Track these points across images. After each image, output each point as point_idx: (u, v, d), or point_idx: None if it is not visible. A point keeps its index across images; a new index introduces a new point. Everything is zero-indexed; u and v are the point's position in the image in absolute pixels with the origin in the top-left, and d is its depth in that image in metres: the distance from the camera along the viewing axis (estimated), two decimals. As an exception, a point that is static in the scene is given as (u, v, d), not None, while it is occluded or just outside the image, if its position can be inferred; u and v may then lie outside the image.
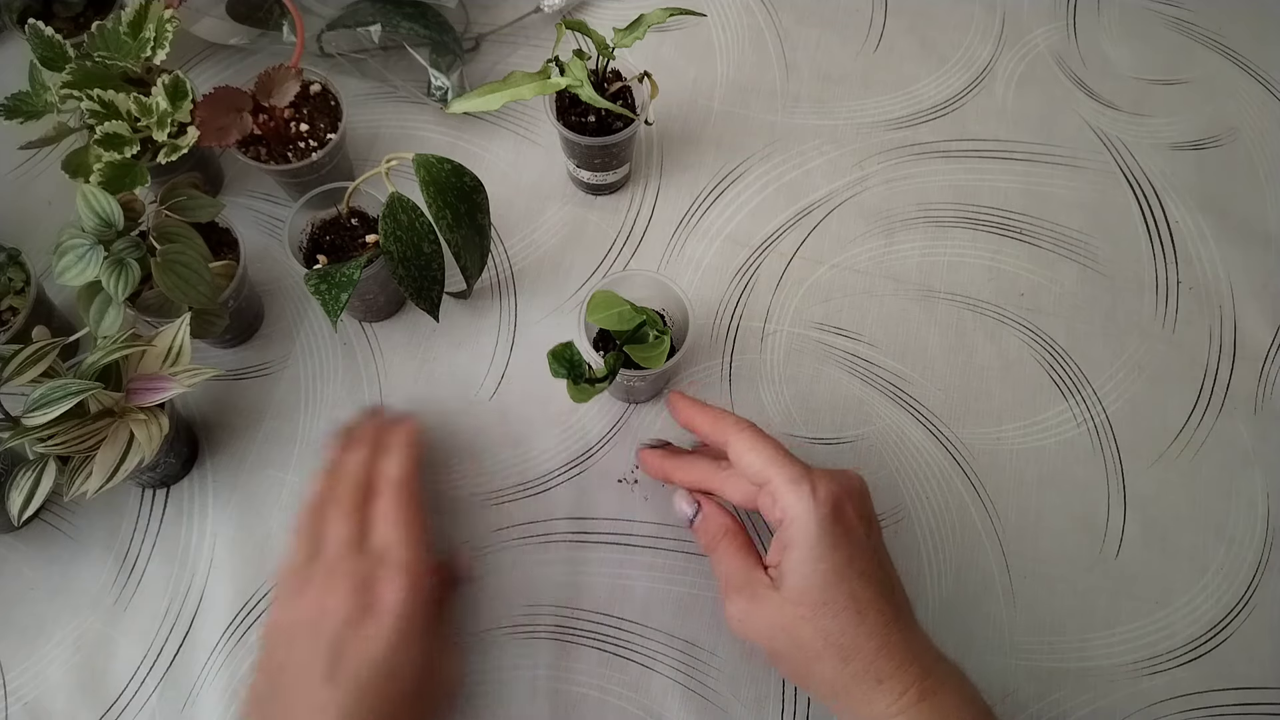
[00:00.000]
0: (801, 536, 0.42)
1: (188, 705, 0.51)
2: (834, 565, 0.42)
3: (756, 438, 0.46)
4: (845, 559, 0.42)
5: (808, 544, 0.42)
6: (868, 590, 0.42)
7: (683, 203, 0.65)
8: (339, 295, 0.49)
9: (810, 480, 0.43)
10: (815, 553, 0.42)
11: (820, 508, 0.42)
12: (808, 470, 0.44)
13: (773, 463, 0.44)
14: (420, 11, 0.67)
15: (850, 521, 0.43)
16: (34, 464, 0.46)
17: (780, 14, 0.73)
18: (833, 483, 0.43)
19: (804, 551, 0.42)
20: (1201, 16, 0.74)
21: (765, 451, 0.45)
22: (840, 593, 0.42)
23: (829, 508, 0.42)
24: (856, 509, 0.44)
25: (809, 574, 0.42)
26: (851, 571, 0.42)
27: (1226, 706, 0.52)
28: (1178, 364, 0.61)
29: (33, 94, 0.56)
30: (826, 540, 0.42)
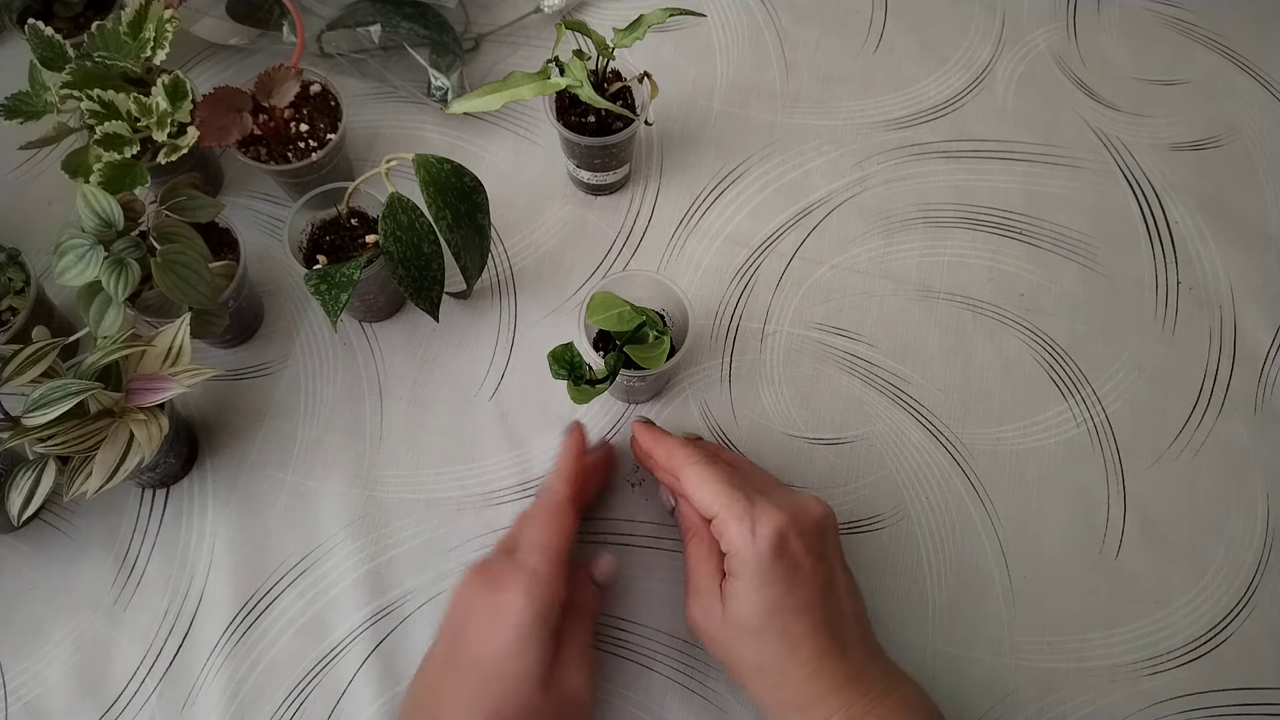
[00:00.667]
0: (740, 569, 0.44)
1: (188, 705, 0.51)
2: (769, 599, 0.43)
3: (705, 471, 0.47)
4: (782, 593, 0.43)
5: (745, 576, 0.44)
6: (801, 624, 0.43)
7: (683, 203, 0.65)
8: (339, 295, 0.49)
9: (752, 517, 0.44)
10: (752, 585, 0.43)
11: (759, 544, 0.43)
12: (751, 505, 0.44)
13: (718, 498, 0.45)
14: (420, 11, 0.67)
15: (793, 557, 0.44)
16: (34, 464, 0.46)
17: (780, 14, 0.73)
18: (777, 519, 0.44)
19: (742, 583, 0.44)
20: (1201, 16, 0.74)
21: (713, 486, 0.46)
22: (773, 624, 0.43)
23: (768, 544, 0.43)
24: (805, 543, 0.44)
25: (745, 605, 0.44)
26: (788, 605, 0.43)
27: (1226, 706, 0.52)
28: (1178, 364, 0.61)
29: (33, 94, 0.56)
30: (763, 575, 0.43)
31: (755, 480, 0.49)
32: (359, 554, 0.55)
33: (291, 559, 0.55)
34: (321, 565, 0.55)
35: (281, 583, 0.54)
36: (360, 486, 0.56)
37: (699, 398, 0.59)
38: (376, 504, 0.56)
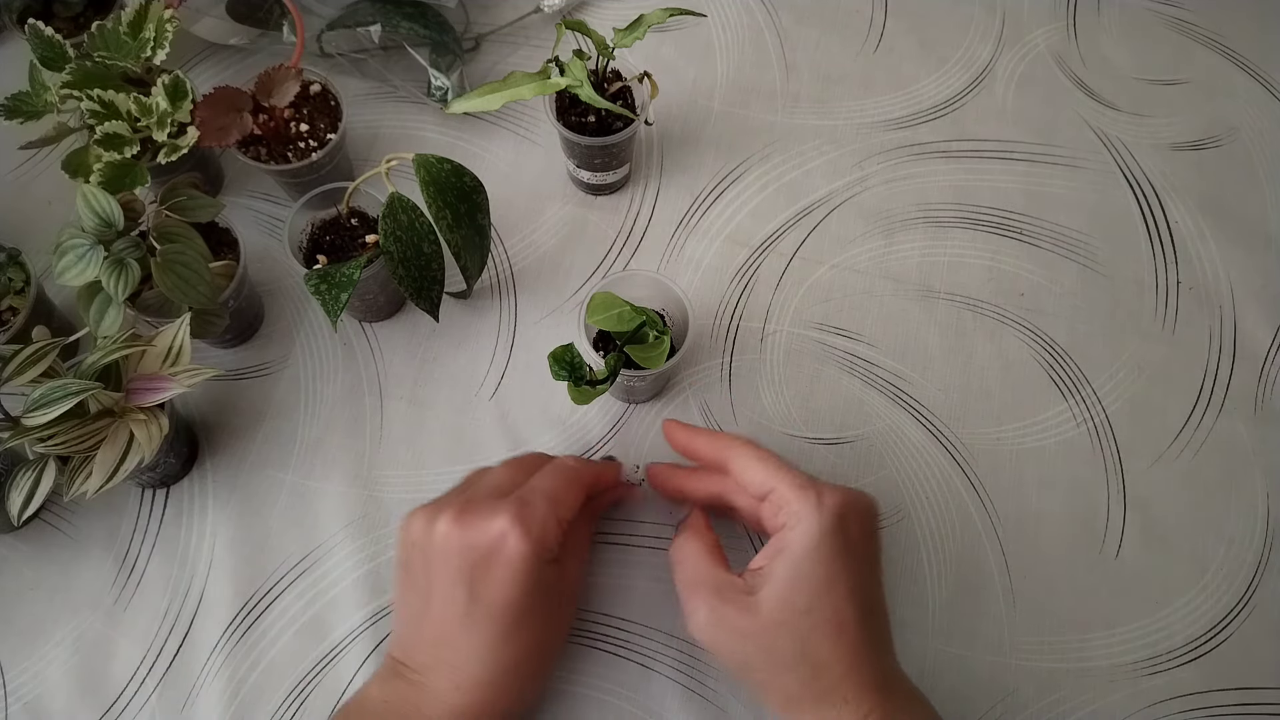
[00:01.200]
0: (801, 540, 0.42)
1: (187, 705, 0.51)
2: (827, 574, 0.41)
3: (758, 451, 0.46)
4: (839, 570, 0.42)
5: (806, 548, 0.41)
6: (851, 609, 0.41)
7: (683, 203, 0.65)
8: (339, 295, 0.49)
9: (816, 488, 0.43)
10: (813, 557, 0.41)
11: (825, 514, 0.42)
12: (813, 479, 0.44)
13: (777, 472, 0.44)
14: (420, 11, 0.67)
15: (852, 535, 0.43)
16: (34, 464, 0.46)
17: (780, 14, 0.73)
18: (839, 494, 0.43)
19: (800, 556, 0.42)
20: (1201, 16, 0.74)
21: (769, 463, 0.45)
22: (826, 604, 0.41)
23: (833, 516, 0.42)
24: (860, 525, 0.44)
25: (800, 579, 0.41)
26: (841, 586, 0.42)
27: (1226, 706, 0.52)
28: (1178, 364, 0.61)
29: (33, 94, 0.56)
30: (825, 547, 0.41)
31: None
32: (359, 554, 0.55)
33: (291, 559, 0.55)
34: (321, 565, 0.55)
35: (281, 583, 0.54)
36: (360, 486, 0.56)
37: (699, 398, 0.59)
38: (376, 504, 0.56)
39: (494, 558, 0.43)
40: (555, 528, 0.44)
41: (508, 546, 0.43)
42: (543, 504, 0.44)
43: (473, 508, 0.44)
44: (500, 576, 0.43)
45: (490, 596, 0.43)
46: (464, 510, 0.44)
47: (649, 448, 0.58)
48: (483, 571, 0.43)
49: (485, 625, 0.43)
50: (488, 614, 0.43)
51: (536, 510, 0.44)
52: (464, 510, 0.44)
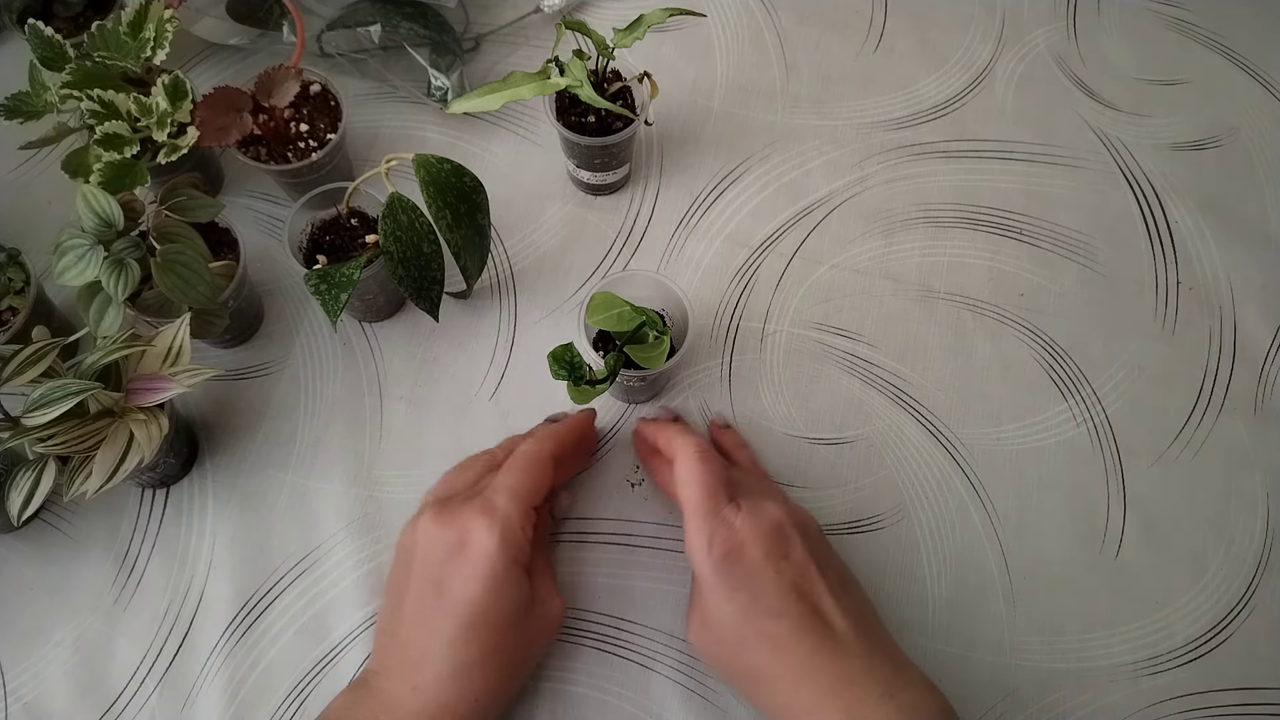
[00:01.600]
0: (703, 582, 0.45)
1: (187, 705, 0.51)
2: (737, 607, 0.43)
3: (693, 469, 0.46)
4: (748, 599, 0.43)
5: (708, 589, 0.44)
6: (780, 627, 0.43)
7: (682, 203, 0.65)
8: (339, 295, 0.49)
9: (709, 533, 0.44)
10: (717, 597, 0.44)
11: (713, 559, 0.44)
12: (714, 515, 0.45)
13: (691, 500, 0.46)
14: (420, 11, 0.67)
15: (750, 564, 0.44)
16: (34, 464, 0.46)
17: (780, 14, 0.73)
18: (732, 529, 0.44)
19: (707, 596, 0.44)
20: (1201, 16, 0.74)
21: (692, 486, 0.46)
22: (750, 631, 0.43)
23: (720, 556, 0.44)
24: (762, 548, 0.44)
25: (717, 616, 0.44)
26: (758, 611, 0.43)
27: (1226, 706, 0.52)
28: (1178, 364, 0.61)
29: (33, 94, 0.56)
30: (724, 585, 0.43)
31: (742, 481, 0.49)
32: (359, 554, 0.55)
33: (291, 559, 0.55)
34: (321, 565, 0.55)
35: (281, 583, 0.54)
36: (360, 486, 0.56)
37: (699, 398, 0.59)
38: (376, 504, 0.56)
39: (461, 554, 0.44)
40: (521, 521, 0.45)
41: (473, 542, 0.44)
42: (506, 499, 0.45)
43: (447, 506, 0.46)
44: (465, 572, 0.44)
45: (454, 593, 0.44)
46: (439, 509, 0.46)
47: (649, 448, 0.58)
48: (451, 568, 0.44)
49: (447, 621, 0.44)
50: (451, 609, 0.44)
51: (500, 507, 0.45)
52: (439, 509, 0.46)
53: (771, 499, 0.47)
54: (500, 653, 0.44)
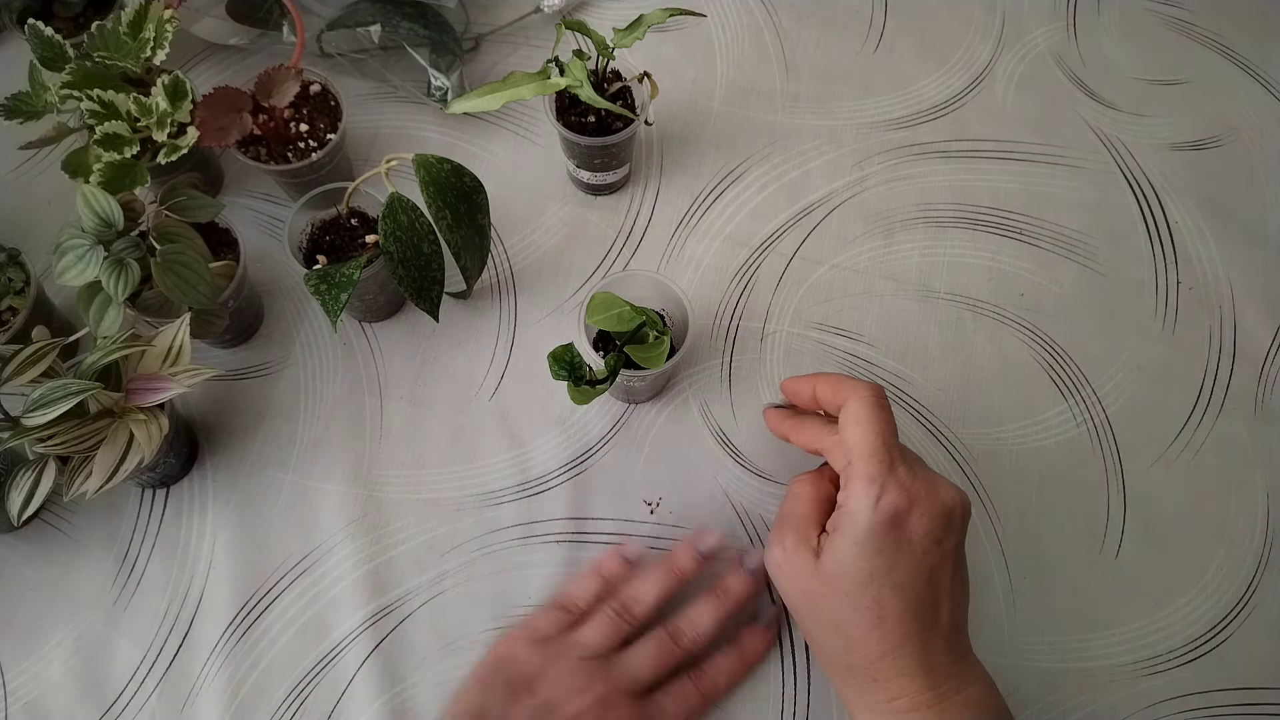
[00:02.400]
0: (850, 529, 0.43)
1: (187, 705, 0.51)
2: (871, 567, 0.42)
3: (868, 411, 0.44)
4: (884, 566, 0.42)
5: (852, 540, 0.43)
6: (897, 602, 0.42)
7: (683, 203, 0.65)
8: (338, 295, 0.49)
9: (881, 484, 0.43)
10: (856, 549, 0.43)
11: (877, 514, 0.42)
12: (888, 470, 0.43)
13: (865, 446, 0.44)
14: (420, 11, 0.67)
15: (908, 534, 0.43)
16: (34, 464, 0.46)
17: (780, 14, 0.73)
18: (905, 492, 0.43)
19: (847, 545, 0.43)
20: (1201, 17, 0.74)
21: (867, 432, 0.44)
22: (867, 594, 0.42)
23: (886, 516, 0.42)
24: (925, 525, 0.43)
25: (844, 566, 0.43)
26: (886, 580, 0.42)
27: (1226, 706, 0.52)
28: (1178, 364, 0.61)
29: (33, 94, 0.56)
30: (870, 543, 0.42)
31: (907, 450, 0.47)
32: (359, 554, 0.55)
33: (291, 559, 0.55)
34: (321, 565, 0.55)
35: (281, 583, 0.54)
36: (360, 486, 0.56)
37: (699, 398, 0.59)
38: (376, 504, 0.56)
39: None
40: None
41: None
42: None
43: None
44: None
45: None
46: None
47: (649, 448, 0.58)
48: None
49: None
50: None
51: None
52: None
53: (933, 475, 0.45)
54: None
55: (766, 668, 0.52)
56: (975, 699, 0.43)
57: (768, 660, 0.52)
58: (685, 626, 0.49)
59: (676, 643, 0.49)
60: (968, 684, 0.43)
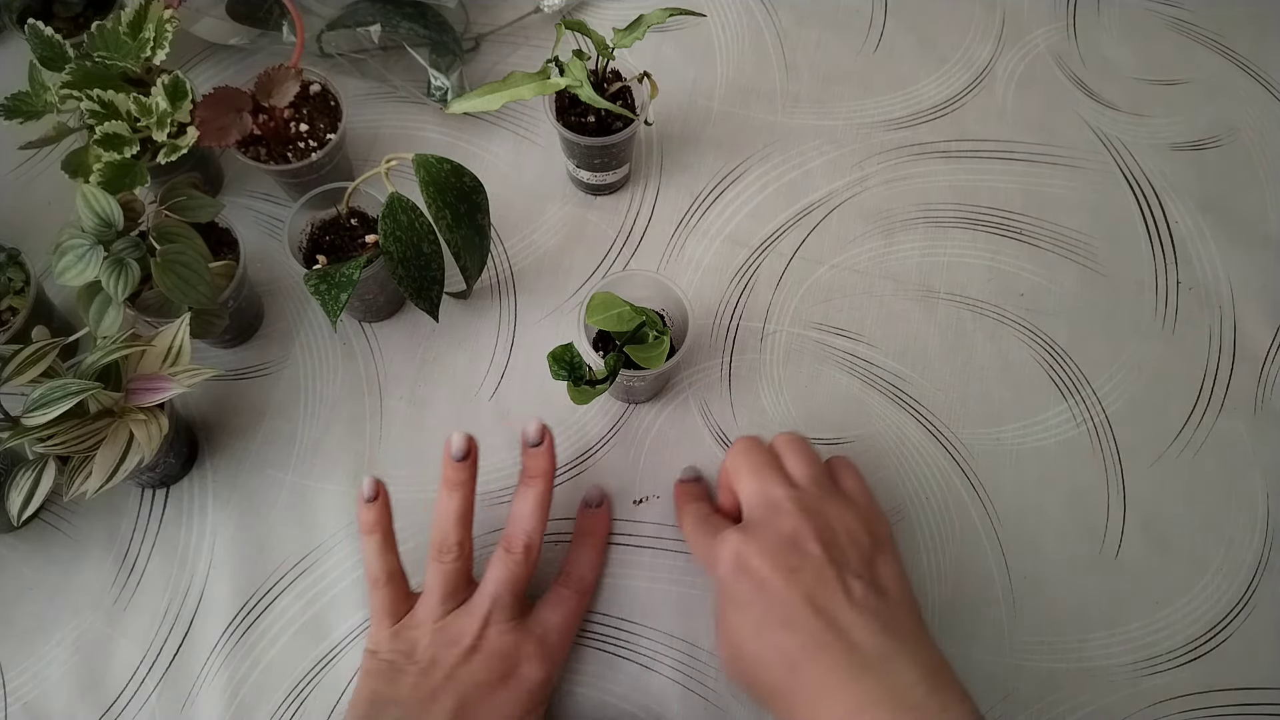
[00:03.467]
0: (718, 599, 0.44)
1: (187, 705, 0.51)
2: (749, 620, 0.43)
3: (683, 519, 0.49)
4: (759, 613, 0.42)
5: (722, 604, 0.44)
6: (793, 640, 0.41)
7: (682, 203, 0.65)
8: (339, 295, 0.49)
9: (713, 549, 0.44)
10: (729, 610, 0.44)
11: (720, 569, 0.43)
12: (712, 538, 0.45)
13: (690, 540, 0.47)
14: (420, 11, 0.67)
15: (758, 576, 0.43)
16: (34, 464, 0.46)
17: (780, 14, 0.73)
18: (731, 543, 0.44)
19: (722, 611, 0.44)
20: (1201, 16, 0.74)
21: (686, 530, 0.48)
22: (765, 645, 0.42)
23: (727, 567, 0.43)
24: (770, 561, 0.42)
25: (732, 631, 0.44)
26: (771, 623, 0.42)
27: (1226, 706, 0.52)
28: (1178, 364, 0.61)
29: (33, 94, 0.56)
30: (732, 598, 0.43)
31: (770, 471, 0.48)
32: (359, 554, 0.55)
33: (291, 559, 0.55)
34: (321, 565, 0.55)
35: (281, 583, 0.54)
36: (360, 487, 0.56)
37: (699, 398, 0.59)
38: (376, 504, 0.56)
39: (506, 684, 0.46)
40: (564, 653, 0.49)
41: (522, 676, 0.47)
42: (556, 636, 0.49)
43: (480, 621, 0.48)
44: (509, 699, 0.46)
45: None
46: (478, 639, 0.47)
47: (649, 448, 0.58)
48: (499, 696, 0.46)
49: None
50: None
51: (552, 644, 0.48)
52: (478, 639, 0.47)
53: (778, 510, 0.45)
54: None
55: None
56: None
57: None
58: (514, 531, 0.49)
59: (512, 550, 0.48)
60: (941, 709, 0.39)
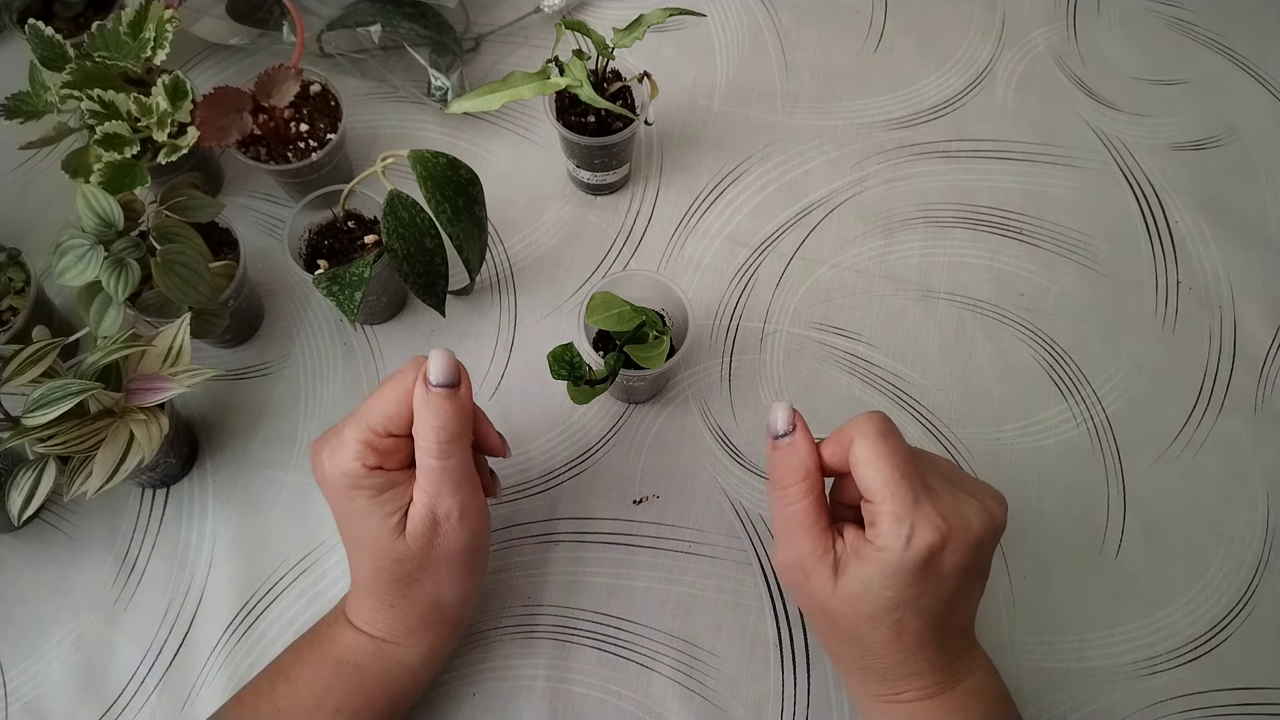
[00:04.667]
0: (878, 565, 0.41)
1: (187, 705, 0.51)
2: (898, 598, 0.41)
3: (881, 445, 0.41)
4: (911, 595, 0.41)
5: (881, 574, 0.41)
6: (916, 621, 0.41)
7: (682, 203, 0.65)
8: (353, 294, 0.49)
9: (911, 523, 0.40)
10: (884, 582, 0.41)
11: (909, 554, 0.40)
12: (915, 506, 0.41)
13: (886, 485, 0.41)
14: (420, 11, 0.67)
15: (938, 569, 0.41)
16: (34, 464, 0.46)
17: (780, 14, 0.73)
18: (935, 531, 0.40)
19: (875, 576, 0.41)
20: (1201, 16, 0.74)
21: (884, 467, 0.41)
22: (890, 617, 0.41)
23: (918, 555, 0.40)
24: (956, 560, 0.41)
25: (870, 593, 0.41)
26: (911, 606, 0.41)
27: (1226, 706, 0.52)
28: (1178, 364, 0.61)
29: (33, 94, 0.56)
30: (901, 579, 0.41)
31: (929, 467, 0.44)
32: (359, 554, 0.55)
33: (291, 559, 0.55)
34: (321, 565, 0.55)
35: (281, 583, 0.54)
36: (360, 486, 0.56)
37: (699, 398, 0.59)
38: (376, 504, 0.56)
39: (318, 480, 0.45)
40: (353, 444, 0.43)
41: (315, 469, 0.45)
42: (347, 426, 0.44)
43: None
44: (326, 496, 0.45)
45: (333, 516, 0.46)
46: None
47: (649, 448, 0.58)
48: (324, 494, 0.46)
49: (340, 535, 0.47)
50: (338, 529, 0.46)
51: (337, 432, 0.44)
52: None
53: (968, 495, 0.43)
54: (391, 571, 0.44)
55: (766, 666, 0.52)
56: (977, 687, 0.44)
57: (767, 660, 0.52)
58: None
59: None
60: (970, 672, 0.44)
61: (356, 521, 0.44)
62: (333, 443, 0.44)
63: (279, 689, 0.45)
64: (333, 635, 0.46)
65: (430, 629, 0.46)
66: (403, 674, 0.46)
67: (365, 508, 0.43)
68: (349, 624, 0.46)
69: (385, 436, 0.43)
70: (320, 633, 0.47)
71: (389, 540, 0.43)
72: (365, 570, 0.45)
